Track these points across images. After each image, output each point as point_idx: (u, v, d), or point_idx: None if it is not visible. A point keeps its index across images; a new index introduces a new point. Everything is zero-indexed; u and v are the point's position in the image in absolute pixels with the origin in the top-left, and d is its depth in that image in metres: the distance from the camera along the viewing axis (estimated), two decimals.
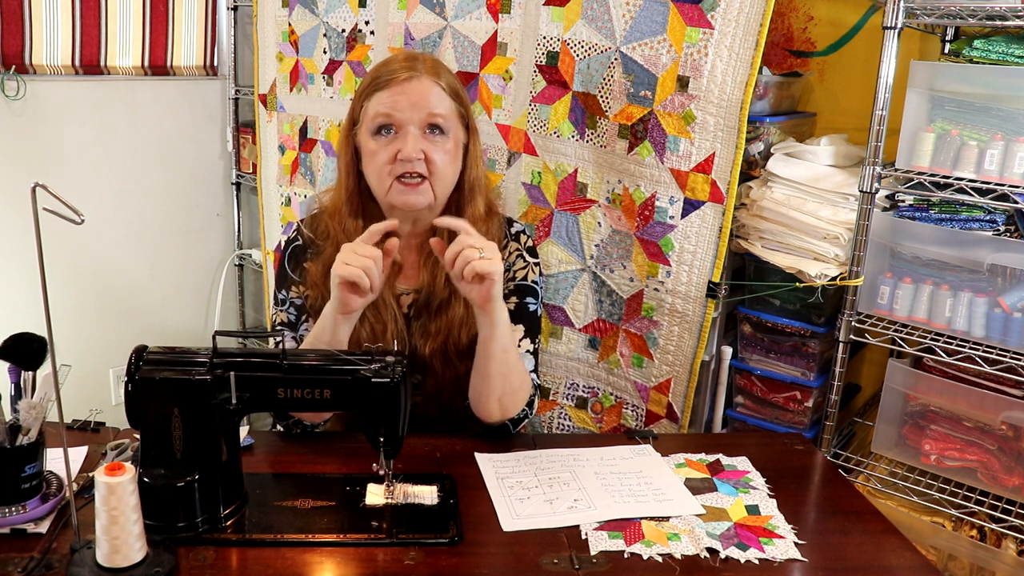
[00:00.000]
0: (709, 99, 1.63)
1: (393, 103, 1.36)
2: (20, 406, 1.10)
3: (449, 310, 1.45)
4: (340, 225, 1.45)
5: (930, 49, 1.85)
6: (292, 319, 1.49)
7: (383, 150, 1.37)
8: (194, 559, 1.06)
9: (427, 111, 1.36)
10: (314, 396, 1.17)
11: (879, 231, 1.62)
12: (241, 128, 2.84)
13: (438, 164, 1.37)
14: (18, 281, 2.36)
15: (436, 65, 1.40)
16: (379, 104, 1.37)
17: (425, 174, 1.37)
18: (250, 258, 2.95)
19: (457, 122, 1.41)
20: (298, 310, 1.50)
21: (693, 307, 1.75)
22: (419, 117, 1.36)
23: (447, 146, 1.39)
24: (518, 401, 1.42)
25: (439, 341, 1.46)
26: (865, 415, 2.00)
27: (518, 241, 1.55)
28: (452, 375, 1.48)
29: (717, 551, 1.13)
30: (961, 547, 1.58)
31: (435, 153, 1.37)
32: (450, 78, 1.41)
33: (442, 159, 1.38)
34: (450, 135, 1.39)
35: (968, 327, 1.56)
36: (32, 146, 2.37)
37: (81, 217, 0.95)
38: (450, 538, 1.13)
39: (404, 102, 1.35)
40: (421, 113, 1.36)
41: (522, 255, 1.53)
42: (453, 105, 1.40)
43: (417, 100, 1.35)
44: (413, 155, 1.34)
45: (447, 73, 1.42)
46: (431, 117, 1.36)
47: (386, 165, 1.37)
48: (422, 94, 1.35)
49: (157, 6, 2.55)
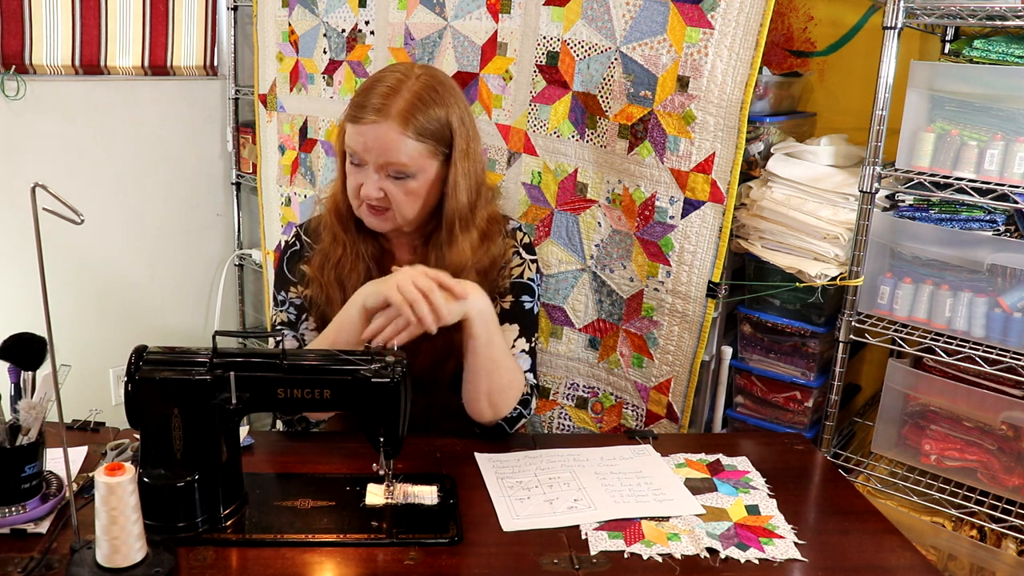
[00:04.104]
0: (709, 99, 1.63)
1: (358, 142, 1.36)
2: (20, 406, 1.10)
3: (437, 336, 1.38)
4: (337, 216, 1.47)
5: (930, 49, 1.85)
6: (292, 318, 1.50)
7: (352, 177, 1.40)
8: (194, 559, 1.06)
9: (386, 160, 1.35)
10: (314, 396, 1.17)
11: (879, 231, 1.62)
12: (241, 128, 2.84)
13: (397, 202, 1.39)
14: (18, 281, 2.36)
15: (411, 106, 1.34)
16: (350, 136, 1.38)
17: (387, 207, 1.40)
18: (250, 258, 2.95)
19: (428, 161, 1.38)
20: (298, 309, 1.51)
21: (693, 307, 1.75)
22: (380, 162, 1.36)
23: (410, 186, 1.38)
24: (508, 399, 1.40)
25: (427, 364, 1.46)
26: (865, 415, 2.00)
27: (514, 238, 1.54)
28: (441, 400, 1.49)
29: (717, 551, 1.13)
30: (961, 547, 1.58)
31: (396, 193, 1.38)
32: (425, 119, 1.35)
33: (403, 199, 1.39)
34: (416, 177, 1.38)
35: (968, 327, 1.56)
36: (32, 146, 2.37)
37: (81, 217, 0.95)
38: (450, 538, 1.13)
39: (367, 144, 1.35)
40: (381, 159, 1.35)
41: (518, 252, 1.53)
42: (423, 147, 1.36)
43: (377, 147, 1.34)
44: (372, 194, 1.37)
45: (423, 112, 1.35)
46: (390, 165, 1.36)
47: (354, 190, 1.41)
48: (384, 143, 1.34)
49: (157, 6, 2.55)
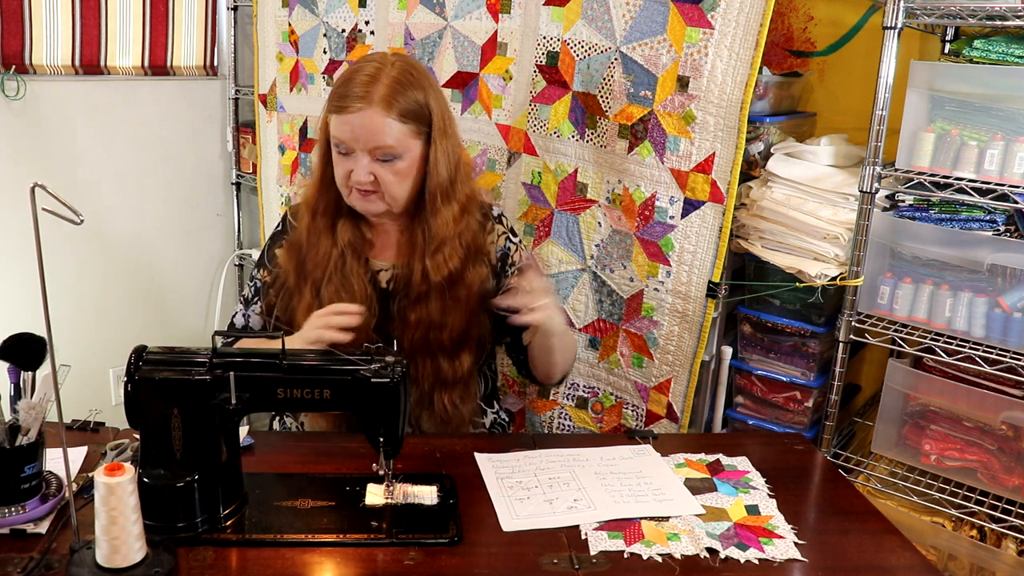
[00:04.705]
0: (709, 99, 1.63)
1: (345, 130, 1.42)
2: (20, 406, 1.10)
3: (429, 305, 1.50)
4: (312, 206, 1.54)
5: (930, 49, 1.85)
6: (249, 296, 1.62)
7: (340, 165, 1.46)
8: (194, 559, 1.06)
9: (374, 144, 1.42)
10: (314, 396, 1.17)
11: (879, 231, 1.62)
12: (241, 128, 2.84)
13: (387, 184, 1.45)
14: (18, 281, 2.36)
15: (392, 91, 1.42)
16: (335, 126, 1.44)
17: (377, 190, 1.46)
18: (250, 258, 2.95)
19: (412, 141, 1.45)
20: (257, 291, 1.61)
21: (693, 307, 1.75)
22: (368, 147, 1.42)
23: (398, 167, 1.45)
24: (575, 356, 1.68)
25: (419, 334, 1.50)
26: (865, 415, 2.00)
27: (501, 223, 1.61)
28: (432, 367, 1.52)
29: (717, 551, 1.13)
30: (961, 547, 1.58)
31: (385, 175, 1.45)
32: (406, 101, 1.43)
33: (391, 180, 1.45)
34: (403, 157, 1.45)
35: (968, 327, 1.56)
36: (32, 146, 2.37)
37: (80, 217, 0.95)
38: (450, 538, 1.13)
39: (354, 131, 1.42)
40: (369, 144, 1.42)
41: (509, 237, 1.61)
42: (407, 128, 1.43)
43: (364, 134, 1.41)
44: (363, 179, 1.44)
45: (403, 95, 1.43)
46: (377, 149, 1.43)
47: (344, 178, 1.47)
48: (370, 129, 1.41)
49: (157, 6, 2.55)
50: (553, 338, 1.48)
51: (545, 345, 1.51)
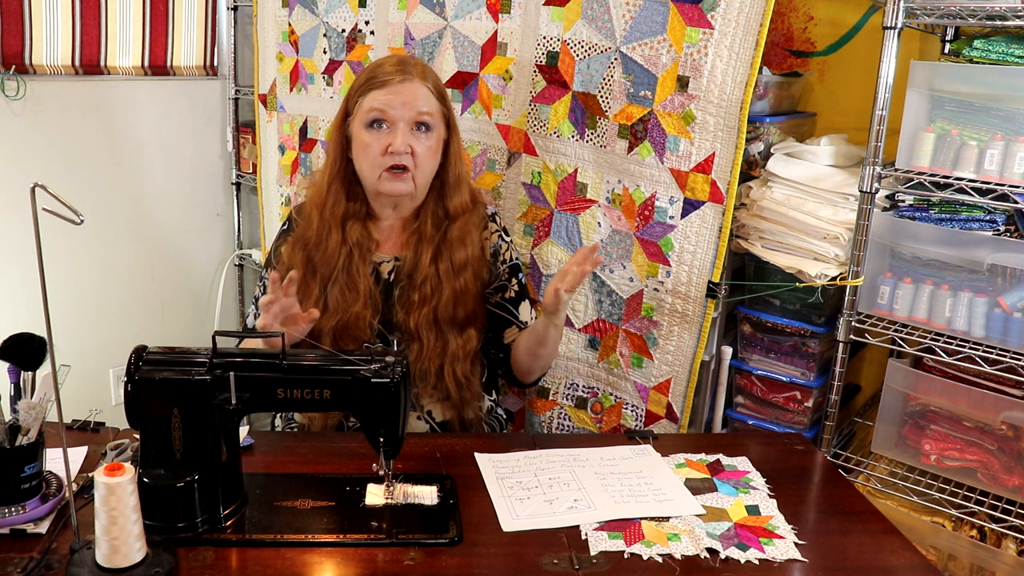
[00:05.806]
0: (709, 99, 1.63)
1: (387, 101, 1.53)
2: (20, 406, 1.10)
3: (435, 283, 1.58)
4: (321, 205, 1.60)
5: (930, 49, 1.85)
6: (259, 297, 1.63)
7: (375, 143, 1.54)
8: (194, 559, 1.07)
9: (416, 110, 1.53)
10: (314, 396, 1.17)
11: (879, 231, 1.62)
12: (241, 128, 2.84)
13: (421, 157, 1.55)
14: (18, 281, 2.36)
15: (424, 69, 1.58)
16: (374, 101, 1.53)
17: (410, 167, 1.54)
18: (250, 258, 2.95)
19: (440, 120, 1.58)
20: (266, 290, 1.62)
21: (693, 307, 1.75)
22: (409, 115, 1.53)
23: (430, 142, 1.56)
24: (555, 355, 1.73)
25: (424, 312, 1.57)
26: (865, 415, 2.00)
27: (495, 222, 1.71)
28: (440, 342, 1.59)
29: (717, 551, 1.13)
30: (961, 547, 1.58)
31: (420, 147, 1.55)
32: (436, 81, 1.60)
33: (425, 153, 1.56)
34: (434, 132, 1.57)
35: (968, 327, 1.56)
36: (32, 146, 2.37)
37: (80, 217, 0.95)
38: (450, 538, 1.13)
39: (397, 101, 1.52)
40: (411, 112, 1.53)
41: (502, 235, 1.70)
42: (438, 105, 1.57)
43: (408, 100, 1.53)
44: (401, 148, 1.52)
45: (434, 76, 1.60)
46: (419, 116, 1.54)
47: (378, 156, 1.54)
48: (413, 95, 1.53)
49: (157, 6, 2.55)
50: (551, 328, 1.54)
51: (540, 334, 1.56)
